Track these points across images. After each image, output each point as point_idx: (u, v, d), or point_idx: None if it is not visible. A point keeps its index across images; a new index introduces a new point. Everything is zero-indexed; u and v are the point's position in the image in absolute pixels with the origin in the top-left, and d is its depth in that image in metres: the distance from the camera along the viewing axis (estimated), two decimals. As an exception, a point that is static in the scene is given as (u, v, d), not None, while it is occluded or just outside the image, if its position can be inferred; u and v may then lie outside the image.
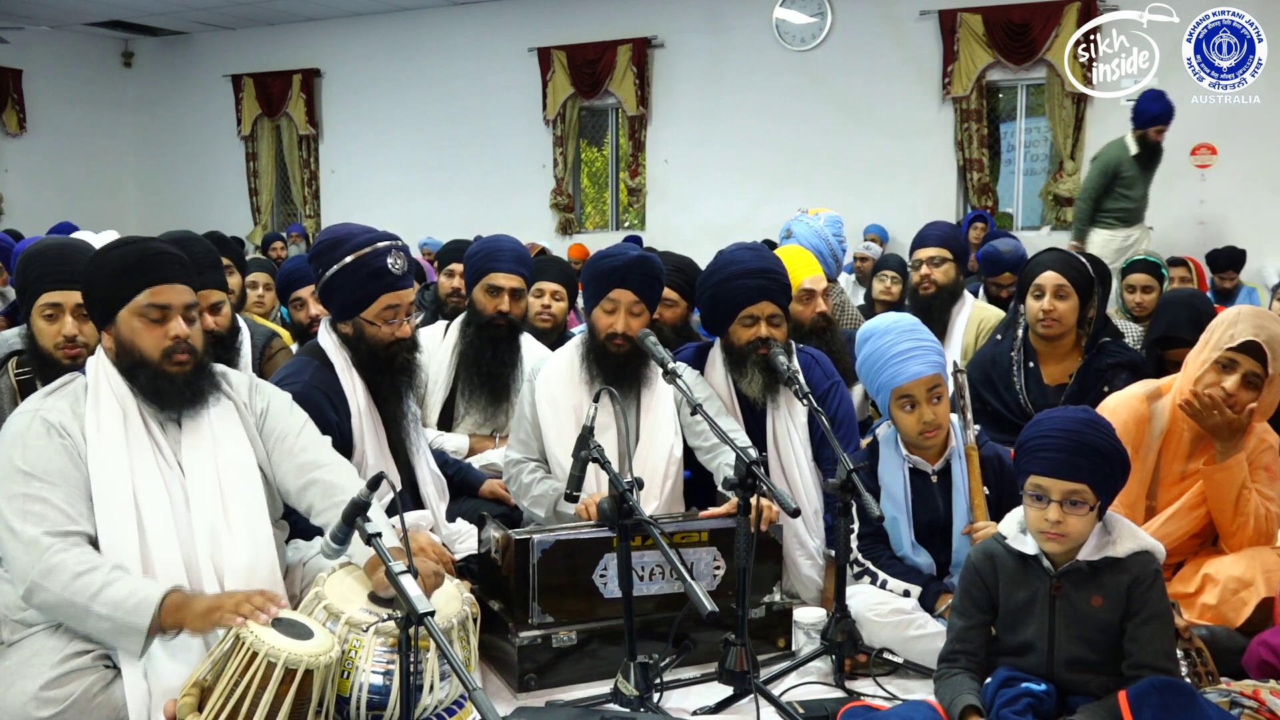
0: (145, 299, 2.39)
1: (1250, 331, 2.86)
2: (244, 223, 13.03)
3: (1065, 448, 2.33)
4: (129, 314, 2.40)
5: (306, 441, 2.61)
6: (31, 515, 2.24)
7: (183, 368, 2.42)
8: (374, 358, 3.03)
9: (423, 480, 3.19)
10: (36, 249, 3.08)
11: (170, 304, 2.41)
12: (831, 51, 10.22)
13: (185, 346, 2.42)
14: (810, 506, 3.38)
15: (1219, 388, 2.88)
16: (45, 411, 2.36)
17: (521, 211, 11.39)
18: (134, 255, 2.42)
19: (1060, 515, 2.33)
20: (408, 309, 3.03)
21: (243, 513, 2.47)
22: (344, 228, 3.08)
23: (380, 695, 2.22)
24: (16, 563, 2.23)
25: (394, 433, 3.11)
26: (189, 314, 2.45)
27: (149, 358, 2.40)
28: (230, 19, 12.59)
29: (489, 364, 3.83)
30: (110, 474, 2.33)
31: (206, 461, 2.46)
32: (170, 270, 2.43)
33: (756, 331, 3.34)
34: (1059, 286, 3.66)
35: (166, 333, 2.40)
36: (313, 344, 3.14)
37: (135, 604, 2.18)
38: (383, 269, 2.95)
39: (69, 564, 2.20)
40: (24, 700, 2.12)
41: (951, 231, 4.83)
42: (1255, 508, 2.90)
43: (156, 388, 2.40)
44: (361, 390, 3.04)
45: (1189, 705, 2.18)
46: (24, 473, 2.27)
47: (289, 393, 2.78)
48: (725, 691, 2.66)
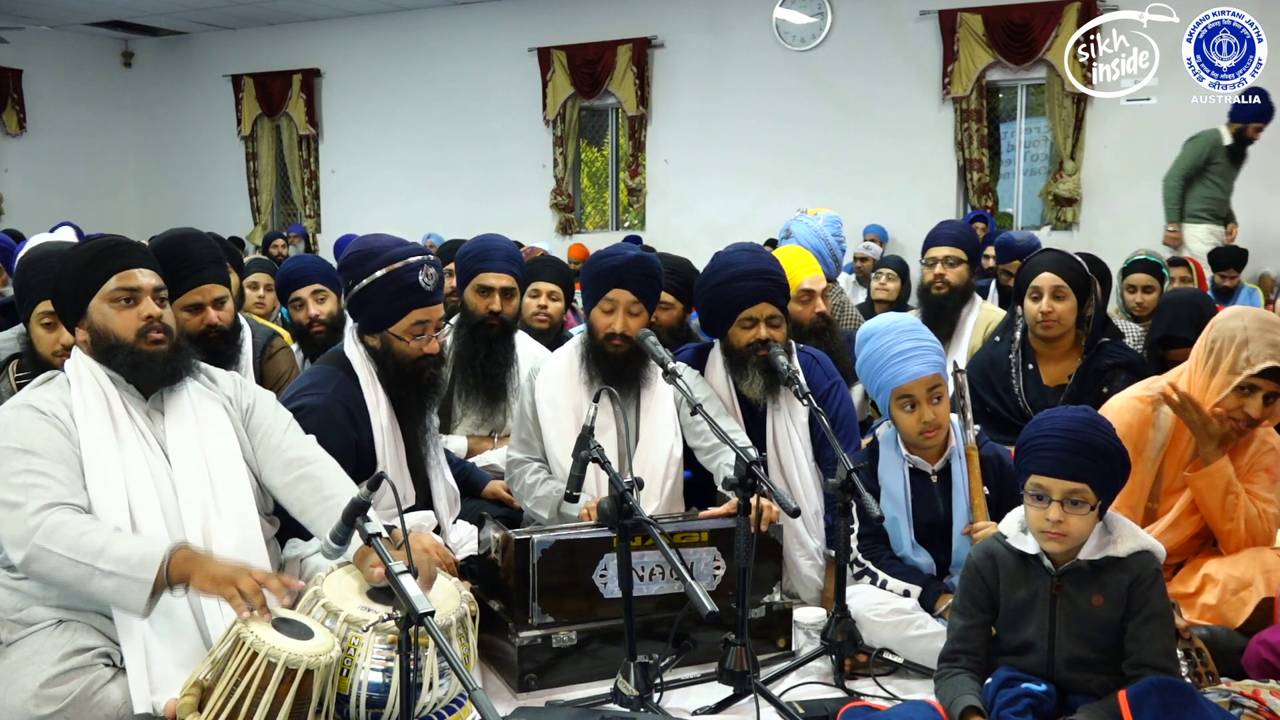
0: (114, 284, 2.44)
1: (1268, 354, 2.83)
2: (244, 223, 13.04)
3: (1066, 447, 2.32)
4: (100, 301, 2.44)
5: (293, 439, 2.62)
6: (31, 489, 2.24)
7: (159, 346, 2.46)
8: (401, 373, 2.99)
9: (437, 495, 3.16)
10: (35, 255, 3.06)
11: (139, 286, 2.46)
12: (831, 51, 10.22)
13: (159, 325, 2.46)
14: (810, 506, 3.38)
15: (1242, 412, 2.87)
16: (34, 400, 2.38)
17: (521, 211, 11.40)
18: (96, 247, 2.49)
19: (1061, 515, 2.33)
20: (437, 324, 2.99)
21: (230, 497, 2.48)
22: (376, 240, 3.02)
23: (380, 693, 2.22)
24: (14, 532, 2.22)
25: (414, 449, 3.07)
26: (158, 296, 2.50)
27: (124, 339, 2.43)
28: (230, 19, 12.59)
29: (484, 364, 3.82)
30: (99, 459, 2.35)
31: (192, 448, 2.48)
32: (134, 256, 2.49)
33: (756, 333, 3.34)
34: (1056, 288, 3.65)
35: (139, 313, 2.45)
36: (337, 353, 3.09)
37: (140, 558, 2.19)
38: (414, 285, 2.91)
39: (72, 525, 2.21)
40: (24, 698, 2.12)
41: (965, 231, 4.80)
42: (1246, 510, 2.89)
43: (134, 364, 2.44)
44: (385, 405, 2.99)
45: (1189, 705, 2.18)
46: (21, 450, 2.28)
47: (311, 404, 2.78)
48: (725, 691, 2.66)
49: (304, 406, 2.84)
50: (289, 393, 2.99)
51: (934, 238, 4.69)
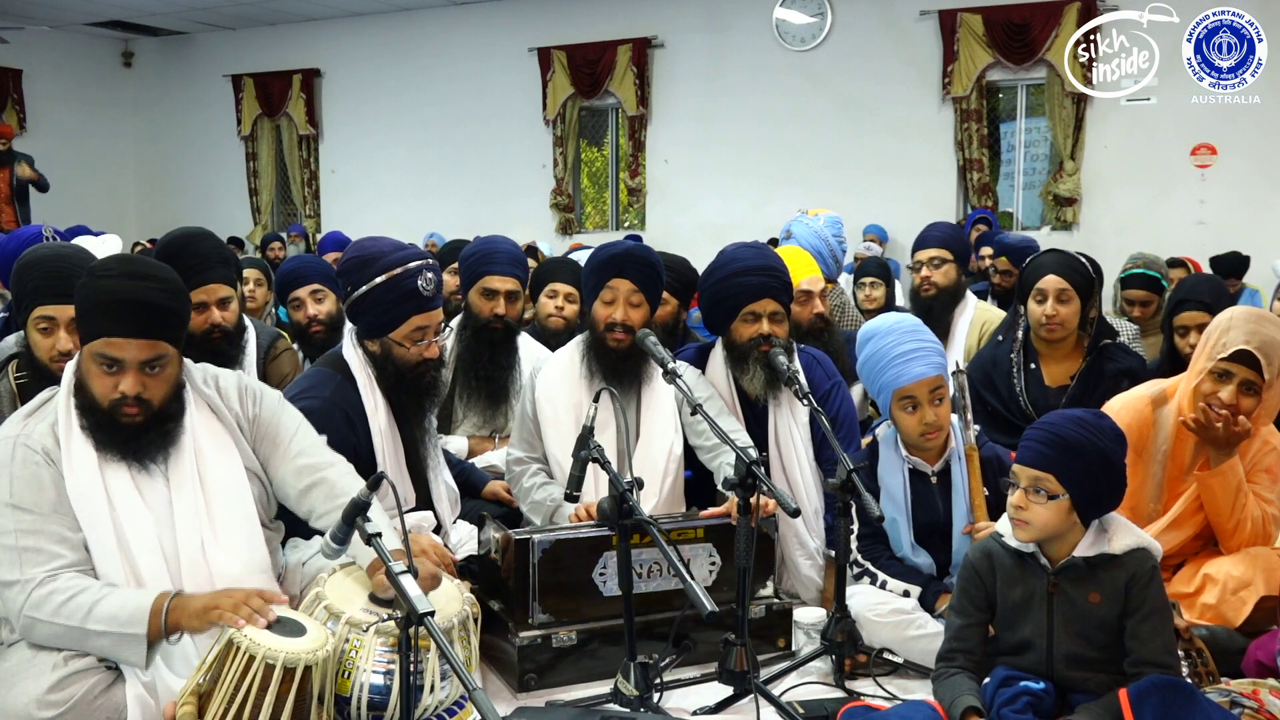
0: (99, 346, 2.28)
1: (1241, 340, 2.85)
2: (244, 223, 13.04)
3: (1039, 438, 2.38)
4: (88, 353, 2.33)
5: (304, 444, 2.56)
6: (24, 553, 2.20)
7: (131, 419, 2.33)
8: (400, 378, 2.97)
9: (437, 496, 3.15)
10: (32, 259, 3.02)
11: (123, 359, 2.28)
12: (831, 51, 10.22)
13: (134, 401, 2.30)
14: (810, 506, 3.38)
15: (1216, 397, 2.88)
16: (26, 439, 2.30)
17: (521, 211, 11.40)
18: (102, 294, 2.29)
19: (1024, 501, 2.36)
20: (436, 329, 2.98)
21: (231, 522, 2.42)
22: (374, 244, 2.99)
23: (381, 695, 2.22)
24: (11, 605, 2.21)
25: (413, 452, 3.06)
26: (150, 367, 2.31)
27: (98, 403, 2.32)
28: (230, 19, 12.60)
29: (486, 366, 3.82)
30: (88, 497, 2.29)
31: (188, 473, 2.40)
32: (134, 323, 2.28)
33: (758, 328, 3.34)
34: (1061, 290, 3.64)
35: (116, 384, 2.29)
36: (336, 355, 3.07)
37: (129, 615, 2.17)
38: (414, 290, 2.89)
39: (56, 591, 2.18)
40: (26, 702, 2.12)
41: (953, 232, 4.80)
42: (1252, 511, 2.90)
43: (99, 425, 2.32)
44: (384, 409, 2.99)
45: (1189, 704, 2.18)
46: (13, 508, 2.23)
47: (307, 407, 2.72)
48: (725, 691, 2.66)
49: (301, 410, 2.82)
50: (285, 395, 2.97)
51: (919, 241, 4.70)
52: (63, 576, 2.21)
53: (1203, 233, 8.73)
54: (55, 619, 2.17)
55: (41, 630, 2.19)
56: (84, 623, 2.17)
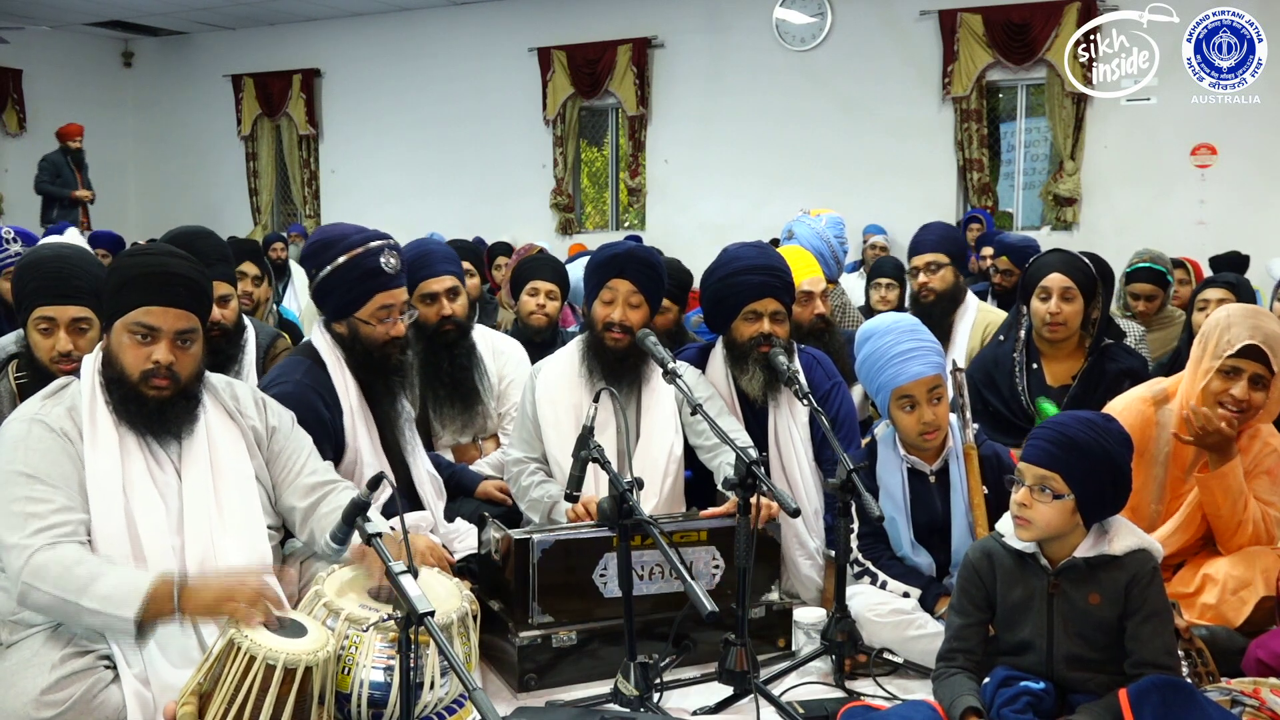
0: (137, 316, 2.37)
1: (1246, 335, 2.85)
2: (244, 223, 13.03)
3: (1047, 437, 2.37)
4: (120, 326, 2.39)
5: (315, 464, 2.65)
6: (30, 518, 2.23)
7: (160, 392, 2.39)
8: (369, 357, 3.03)
9: (419, 480, 3.18)
10: (33, 260, 3.05)
11: (160, 327, 2.38)
12: (831, 51, 10.22)
13: (165, 372, 2.38)
14: (810, 506, 3.38)
15: (1229, 395, 2.87)
16: (44, 415, 2.36)
17: (521, 211, 11.40)
18: (139, 268, 2.40)
19: (1028, 500, 2.36)
20: (401, 308, 3.03)
21: (239, 514, 2.47)
22: (336, 228, 3.08)
23: (381, 692, 2.22)
24: (10, 568, 2.23)
25: (388, 432, 3.11)
26: (182, 339, 2.41)
27: (128, 375, 2.38)
28: (230, 19, 12.60)
29: (449, 372, 3.72)
30: (105, 479, 2.33)
31: (203, 467, 2.46)
32: (170, 293, 2.38)
33: (759, 327, 3.34)
34: (1065, 289, 3.64)
35: (149, 355, 2.37)
36: (306, 344, 3.14)
37: (123, 596, 2.17)
38: (376, 269, 2.95)
39: (56, 560, 2.20)
40: (24, 702, 2.12)
41: (948, 233, 4.73)
42: (1253, 512, 2.90)
43: (125, 400, 2.38)
44: (354, 390, 3.04)
45: (1190, 704, 2.18)
46: (26, 476, 2.27)
47: (282, 391, 2.79)
48: (725, 691, 2.66)
49: (276, 395, 2.84)
50: (260, 386, 3.00)
51: (914, 246, 4.62)
52: (63, 546, 2.23)
53: (1203, 233, 8.72)
54: (53, 589, 2.18)
55: (36, 598, 2.20)
56: (79, 598, 2.17)
